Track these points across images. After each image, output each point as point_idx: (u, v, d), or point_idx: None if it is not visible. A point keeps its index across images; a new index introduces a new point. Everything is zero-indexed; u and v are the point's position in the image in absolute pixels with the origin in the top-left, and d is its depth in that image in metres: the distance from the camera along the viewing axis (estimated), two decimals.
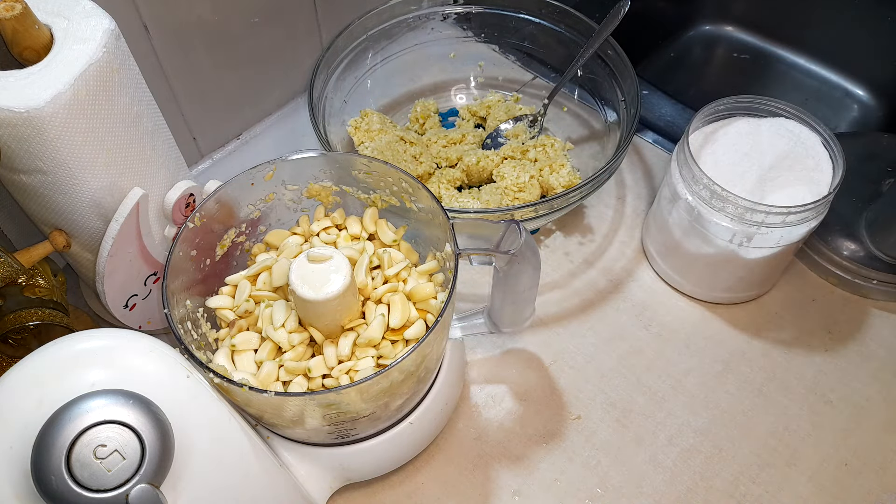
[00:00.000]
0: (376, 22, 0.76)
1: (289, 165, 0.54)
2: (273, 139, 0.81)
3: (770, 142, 0.63)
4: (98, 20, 0.47)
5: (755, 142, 0.64)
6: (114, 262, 0.53)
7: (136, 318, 0.59)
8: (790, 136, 0.63)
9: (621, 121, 0.71)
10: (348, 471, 0.55)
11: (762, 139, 0.64)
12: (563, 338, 0.67)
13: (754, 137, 0.64)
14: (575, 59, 0.73)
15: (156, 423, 0.40)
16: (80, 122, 0.46)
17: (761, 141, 0.64)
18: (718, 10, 1.03)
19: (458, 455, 0.60)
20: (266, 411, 0.48)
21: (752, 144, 0.63)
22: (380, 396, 0.48)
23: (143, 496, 0.38)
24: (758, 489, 0.59)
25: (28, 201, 0.51)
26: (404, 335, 0.50)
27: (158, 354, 0.44)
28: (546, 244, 0.73)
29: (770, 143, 0.63)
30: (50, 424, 0.38)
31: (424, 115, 0.79)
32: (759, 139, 0.64)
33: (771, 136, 0.64)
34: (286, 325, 0.50)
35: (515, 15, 0.78)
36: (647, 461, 0.60)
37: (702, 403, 0.63)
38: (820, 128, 0.63)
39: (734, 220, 0.60)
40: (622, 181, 0.77)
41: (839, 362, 0.65)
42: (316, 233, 0.56)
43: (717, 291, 0.67)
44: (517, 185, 0.69)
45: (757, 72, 1.01)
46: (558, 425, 0.62)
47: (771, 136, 0.64)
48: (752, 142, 0.64)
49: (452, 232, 0.49)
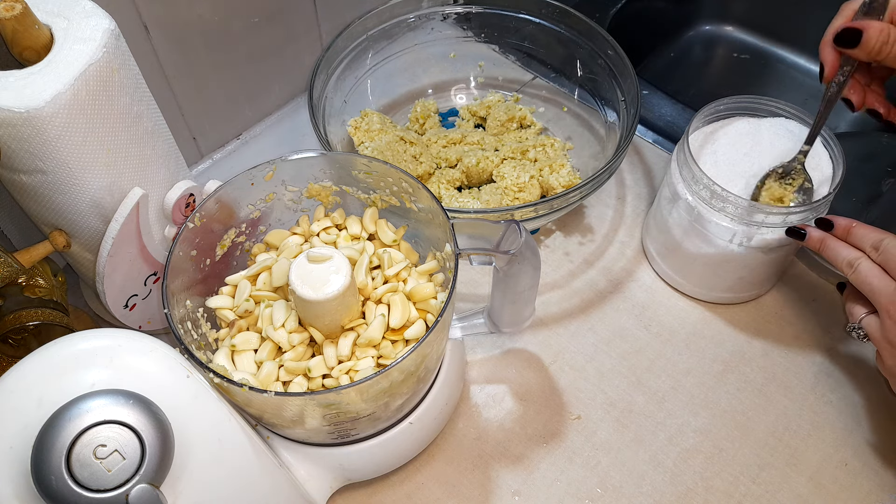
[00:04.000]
0: (376, 22, 0.76)
1: (289, 165, 0.54)
2: (273, 139, 0.81)
3: (770, 142, 0.63)
4: (98, 20, 0.47)
5: (755, 142, 0.64)
6: (114, 262, 0.53)
7: (136, 318, 0.59)
8: (790, 136, 0.63)
9: (621, 121, 0.70)
10: (348, 471, 0.55)
11: (762, 139, 0.64)
12: (563, 338, 0.67)
13: (754, 137, 0.64)
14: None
15: (156, 423, 0.40)
16: (80, 122, 0.46)
17: (761, 141, 0.64)
18: (718, 10, 1.03)
19: (458, 455, 0.60)
20: (266, 411, 0.48)
21: (752, 144, 0.63)
22: (380, 396, 0.48)
23: (143, 496, 0.38)
24: (758, 489, 0.59)
25: (28, 201, 0.51)
26: (404, 335, 0.50)
27: (158, 354, 0.44)
28: (546, 244, 0.73)
29: (770, 143, 0.63)
30: (50, 424, 0.38)
31: (424, 115, 0.79)
32: (759, 139, 0.64)
33: (771, 136, 0.64)
34: (286, 325, 0.50)
35: (515, 15, 0.78)
36: (647, 461, 0.60)
37: (702, 403, 0.63)
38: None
39: (734, 220, 0.60)
40: (622, 181, 0.77)
41: (839, 362, 0.65)
42: (316, 233, 0.56)
43: (717, 291, 0.67)
44: (517, 185, 0.69)
45: (757, 72, 1.01)
46: (558, 425, 0.62)
47: (771, 136, 0.64)
48: (752, 142, 0.64)
49: (452, 232, 0.49)
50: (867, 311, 0.54)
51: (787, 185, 0.60)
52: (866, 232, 0.54)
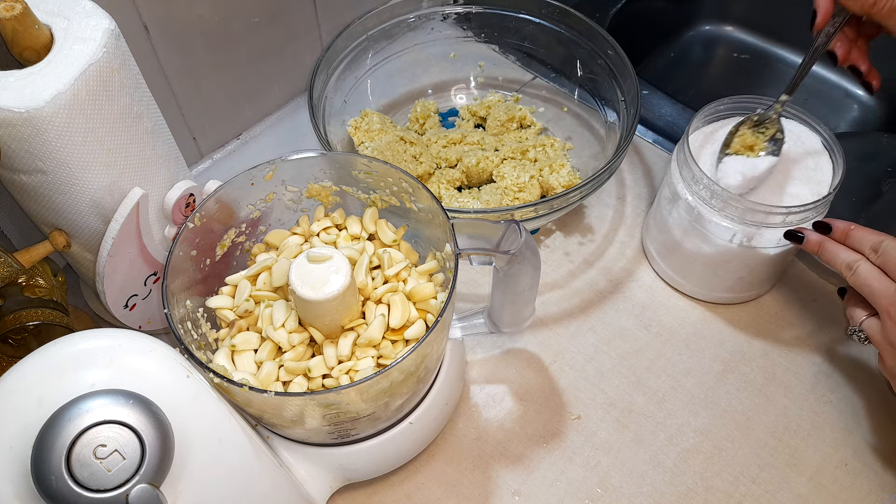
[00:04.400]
0: (376, 22, 0.76)
1: (289, 165, 0.54)
2: (273, 139, 0.81)
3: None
4: (98, 20, 0.47)
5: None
6: (114, 262, 0.53)
7: (136, 318, 0.59)
8: (790, 136, 0.63)
9: (621, 121, 0.70)
10: (348, 471, 0.55)
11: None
12: (563, 338, 0.67)
13: None
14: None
15: (156, 423, 0.40)
16: (80, 122, 0.46)
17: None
18: (718, 10, 1.03)
19: (458, 455, 0.60)
20: (266, 411, 0.48)
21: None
22: (380, 396, 0.48)
23: (143, 496, 0.38)
24: (758, 489, 0.59)
25: (28, 201, 0.51)
26: (404, 335, 0.50)
27: (158, 354, 0.44)
28: (546, 244, 0.73)
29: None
30: (50, 424, 0.38)
31: (424, 115, 0.79)
32: None
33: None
34: (286, 325, 0.50)
35: (515, 15, 0.78)
36: (647, 461, 0.60)
37: (702, 403, 0.63)
38: (820, 128, 0.63)
39: (734, 220, 0.60)
40: (622, 181, 0.77)
41: (839, 362, 0.65)
42: (316, 233, 0.56)
43: (717, 291, 0.67)
44: (517, 185, 0.69)
45: (757, 72, 1.01)
46: (558, 425, 0.62)
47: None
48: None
49: (452, 232, 0.49)
50: (868, 314, 0.54)
51: (759, 134, 0.60)
52: (865, 234, 0.54)
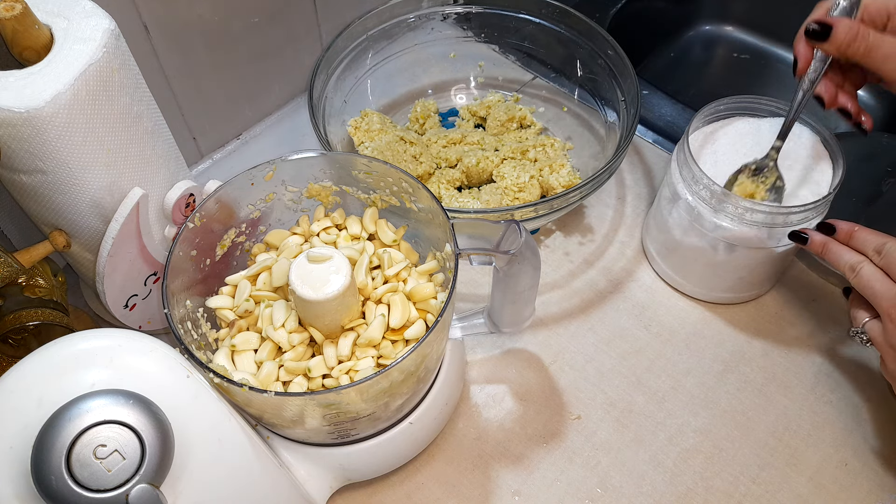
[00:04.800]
0: (376, 22, 0.76)
1: (289, 165, 0.54)
2: (273, 139, 0.81)
3: (770, 142, 0.63)
4: (98, 20, 0.47)
5: (755, 142, 0.64)
6: (114, 262, 0.53)
7: (136, 318, 0.59)
8: (790, 135, 0.63)
9: (621, 121, 0.70)
10: (348, 471, 0.55)
11: (762, 139, 0.64)
12: (563, 338, 0.67)
13: (754, 137, 0.64)
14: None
15: (156, 423, 0.40)
16: (80, 122, 0.46)
17: (761, 141, 0.63)
18: (718, 10, 1.03)
19: (458, 455, 0.60)
20: (266, 411, 0.48)
21: (752, 144, 0.63)
22: (380, 396, 0.48)
23: (143, 496, 0.38)
24: (758, 489, 0.59)
25: (28, 201, 0.51)
26: (404, 335, 0.50)
27: (158, 354, 0.44)
28: (546, 244, 0.73)
29: (770, 143, 0.63)
30: (50, 424, 0.38)
31: (424, 115, 0.79)
32: (759, 139, 0.64)
33: (771, 137, 0.63)
34: (286, 325, 0.50)
35: (515, 15, 0.78)
36: (647, 461, 0.60)
37: (702, 403, 0.63)
38: (820, 128, 0.63)
39: (734, 220, 0.59)
40: (622, 181, 0.77)
41: (839, 362, 0.65)
42: (316, 233, 0.56)
43: (717, 291, 0.67)
44: (517, 185, 0.69)
45: (757, 72, 1.01)
46: (558, 425, 0.62)
47: (771, 137, 0.63)
48: (752, 142, 0.64)
49: (452, 232, 0.49)
50: (870, 316, 0.54)
51: (759, 183, 0.60)
52: (868, 236, 0.54)
